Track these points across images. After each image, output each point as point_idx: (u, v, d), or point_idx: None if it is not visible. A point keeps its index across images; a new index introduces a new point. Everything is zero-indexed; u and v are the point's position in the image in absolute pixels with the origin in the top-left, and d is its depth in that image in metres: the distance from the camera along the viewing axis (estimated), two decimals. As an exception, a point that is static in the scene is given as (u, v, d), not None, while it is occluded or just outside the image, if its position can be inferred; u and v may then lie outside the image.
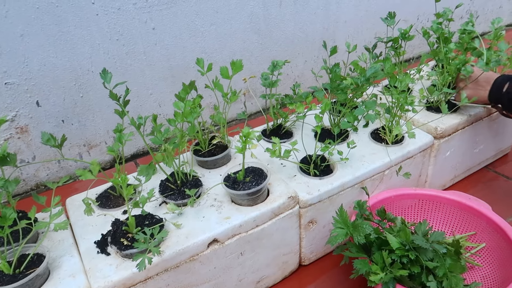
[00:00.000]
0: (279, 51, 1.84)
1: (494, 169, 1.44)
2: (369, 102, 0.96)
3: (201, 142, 1.08)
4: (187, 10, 1.52)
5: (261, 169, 0.98)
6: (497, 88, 1.10)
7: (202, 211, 0.93)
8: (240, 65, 0.94)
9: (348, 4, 1.93)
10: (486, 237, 1.05)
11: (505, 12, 2.73)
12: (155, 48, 1.52)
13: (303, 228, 1.03)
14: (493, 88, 1.11)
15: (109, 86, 0.89)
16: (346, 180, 1.03)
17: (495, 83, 1.11)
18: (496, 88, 1.10)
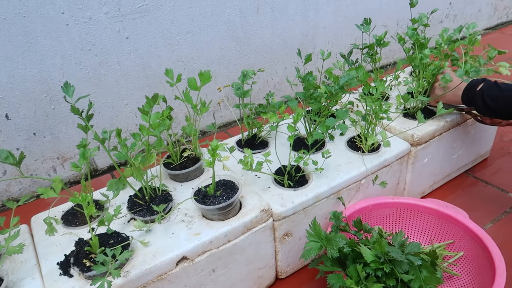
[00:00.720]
0: (258, 58, 1.82)
1: (474, 174, 1.43)
2: (341, 112, 0.95)
3: (173, 154, 1.05)
4: (162, 18, 1.49)
5: (232, 182, 0.95)
6: (470, 87, 1.09)
7: (171, 227, 0.90)
8: (208, 76, 0.92)
9: (326, 10, 1.92)
10: (464, 245, 1.03)
11: (484, 16, 2.75)
12: (130, 57, 1.49)
13: (278, 241, 1.00)
14: (467, 87, 1.10)
15: (71, 100, 0.85)
16: (321, 190, 1.01)
17: (470, 83, 1.10)
18: (470, 87, 1.09)
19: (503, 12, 2.87)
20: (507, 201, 1.29)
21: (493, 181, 1.38)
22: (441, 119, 1.22)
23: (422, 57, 1.21)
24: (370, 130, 1.12)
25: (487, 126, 1.38)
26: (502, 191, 1.34)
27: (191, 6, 1.53)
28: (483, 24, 2.80)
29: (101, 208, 0.97)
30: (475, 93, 1.08)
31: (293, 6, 1.81)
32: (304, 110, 1.13)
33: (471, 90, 1.09)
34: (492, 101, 1.04)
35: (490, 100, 1.04)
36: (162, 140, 0.90)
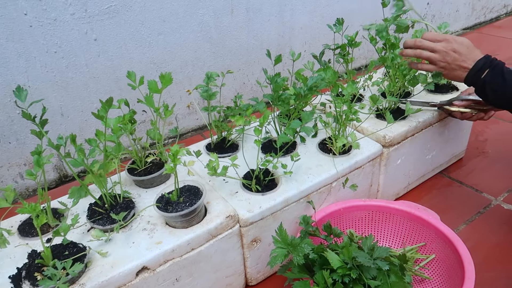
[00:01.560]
0: (233, 60, 1.79)
1: (449, 174, 1.42)
2: (306, 114, 0.92)
3: (137, 160, 1.01)
4: (131, 19, 1.45)
5: (197, 188, 0.92)
6: (476, 72, 0.99)
7: (132, 236, 0.87)
8: (170, 78, 0.88)
9: (302, 11, 1.91)
10: (435, 248, 1.02)
11: (462, 16, 2.77)
12: (99, 59, 1.45)
13: (246, 248, 0.97)
14: (472, 72, 1.00)
15: (23, 105, 0.81)
16: (290, 194, 0.98)
17: (475, 67, 0.99)
18: (475, 73, 0.99)
19: (480, 12, 2.89)
20: (481, 201, 1.28)
21: (468, 181, 1.38)
22: (414, 119, 1.21)
23: (393, 58, 1.19)
24: (340, 132, 1.09)
25: (461, 126, 1.37)
26: (476, 191, 1.33)
27: (162, 7, 1.50)
28: (461, 24, 2.82)
29: (61, 217, 0.93)
30: (478, 80, 0.99)
31: (268, 7, 1.79)
32: (272, 113, 1.11)
33: (476, 76, 0.99)
34: (492, 92, 0.97)
35: (491, 91, 0.98)
36: (122, 146, 0.86)
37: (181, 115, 1.76)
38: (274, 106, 1.02)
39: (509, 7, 3.12)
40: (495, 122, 1.70)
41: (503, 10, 3.09)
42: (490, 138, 1.61)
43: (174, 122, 1.76)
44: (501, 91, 0.96)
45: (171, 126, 1.77)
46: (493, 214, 1.23)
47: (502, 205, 1.26)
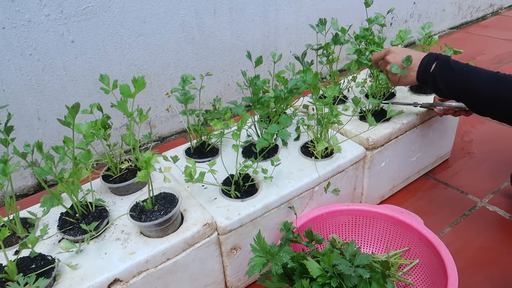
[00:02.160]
0: (217, 61, 1.76)
1: (434, 176, 1.41)
2: (284, 118, 0.90)
3: (112, 166, 0.98)
4: (110, 20, 1.42)
5: (173, 195, 0.89)
6: (424, 68, 1.02)
7: (105, 247, 0.83)
8: (143, 82, 0.85)
9: (287, 11, 1.88)
10: (419, 253, 1.00)
11: (449, 15, 2.77)
12: (76, 62, 1.41)
13: (226, 256, 0.94)
14: (420, 69, 1.03)
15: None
16: (270, 200, 0.95)
17: (421, 64, 1.03)
18: (424, 69, 1.02)
19: (467, 11, 2.89)
20: (466, 203, 1.27)
21: (453, 183, 1.36)
22: (397, 121, 1.19)
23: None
24: (322, 135, 1.07)
25: (446, 127, 1.36)
26: (462, 193, 1.32)
27: (141, 8, 1.46)
28: (448, 23, 2.81)
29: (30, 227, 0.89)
30: (428, 75, 1.01)
31: (252, 7, 1.76)
32: (252, 116, 1.08)
33: (424, 72, 1.02)
34: (445, 86, 0.98)
35: (443, 84, 0.99)
36: (91, 153, 0.83)
37: (164, 117, 1.72)
38: (254, 109, 1.00)
39: (495, 6, 3.13)
40: (481, 122, 1.69)
41: (489, 9, 3.10)
42: (476, 138, 1.60)
43: (158, 125, 1.73)
44: (450, 79, 0.97)
45: (155, 129, 1.73)
46: (478, 216, 1.21)
47: (487, 207, 1.25)
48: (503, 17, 3.08)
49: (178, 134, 1.80)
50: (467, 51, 2.44)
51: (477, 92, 0.94)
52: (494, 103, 0.93)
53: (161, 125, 1.73)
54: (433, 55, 1.02)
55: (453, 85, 0.97)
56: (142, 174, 0.79)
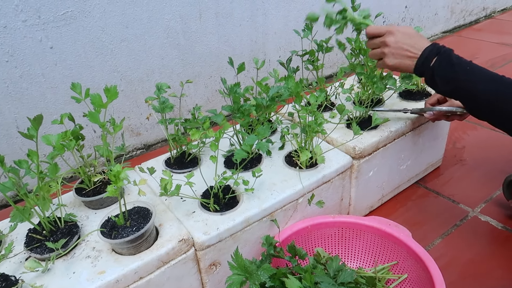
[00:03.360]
0: (203, 67, 1.72)
1: (425, 184, 1.37)
2: (261, 129, 0.85)
3: (85, 179, 0.93)
4: (90, 26, 1.37)
5: (147, 209, 0.85)
6: (424, 60, 0.92)
7: (74, 265, 0.79)
8: (115, 92, 0.81)
9: (276, 15, 1.85)
10: (407, 267, 0.96)
11: (441, 19, 2.74)
12: (56, 68, 1.36)
13: (205, 272, 0.90)
14: (420, 60, 0.92)
15: None
16: (251, 213, 0.91)
17: (422, 55, 0.92)
18: (423, 61, 0.92)
19: (460, 15, 2.87)
20: (458, 213, 1.23)
21: (444, 192, 1.32)
22: (385, 129, 1.15)
23: (364, 64, 1.14)
24: (307, 144, 1.03)
25: (437, 134, 1.32)
26: (453, 202, 1.28)
27: (123, 13, 1.42)
28: (441, 27, 2.79)
29: (-3, 244, 0.85)
30: (427, 69, 0.92)
31: (240, 11, 1.72)
32: (233, 125, 1.04)
33: (424, 64, 0.92)
34: (443, 83, 0.90)
35: (441, 81, 0.90)
36: (58, 166, 0.79)
37: (150, 125, 1.68)
38: (233, 118, 0.95)
39: (488, 10, 3.11)
40: (473, 128, 1.66)
41: (482, 13, 3.08)
42: (468, 145, 1.56)
43: (143, 133, 1.68)
44: (450, 77, 0.89)
45: (140, 137, 1.69)
46: (470, 227, 1.17)
47: (479, 217, 1.21)
48: (496, 20, 3.06)
49: (164, 141, 1.76)
50: (460, 55, 2.40)
51: (480, 97, 0.87)
52: (497, 111, 0.86)
53: (146, 132, 1.69)
54: (436, 47, 0.92)
55: (453, 84, 0.89)
56: (111, 189, 0.75)
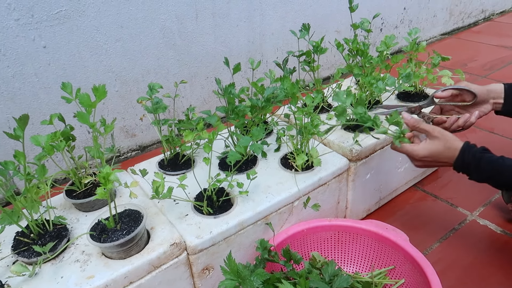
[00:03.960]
0: (200, 67, 1.70)
1: (423, 187, 1.35)
2: (256, 130, 0.84)
3: (76, 181, 0.91)
4: (85, 25, 1.36)
5: (139, 212, 0.83)
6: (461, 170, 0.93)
7: (62, 269, 0.77)
8: (104, 91, 0.79)
9: (273, 16, 1.83)
10: (405, 272, 0.94)
11: (440, 21, 2.73)
12: (49, 68, 1.34)
13: (197, 277, 0.88)
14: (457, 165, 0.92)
15: None
16: (246, 217, 0.89)
17: (456, 168, 0.93)
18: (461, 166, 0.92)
19: (458, 17, 2.86)
20: (456, 216, 1.21)
21: (443, 195, 1.30)
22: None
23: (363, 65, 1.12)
24: (303, 146, 1.01)
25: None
26: (452, 205, 1.26)
27: (118, 12, 1.41)
28: (439, 29, 2.78)
29: (-16, 247, 0.82)
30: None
31: (237, 12, 1.70)
32: (227, 127, 1.02)
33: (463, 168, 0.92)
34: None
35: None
36: (46, 168, 0.77)
37: (145, 126, 1.66)
38: (227, 119, 0.94)
39: (487, 12, 3.10)
40: (472, 131, 1.64)
41: (481, 15, 3.07)
42: (467, 147, 1.54)
43: (138, 134, 1.66)
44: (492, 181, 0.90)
45: (135, 138, 1.67)
46: (468, 231, 1.16)
47: (478, 221, 1.19)
48: (495, 23, 3.05)
49: (159, 143, 1.73)
50: (458, 57, 2.40)
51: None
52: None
53: (142, 134, 1.67)
54: (464, 168, 0.91)
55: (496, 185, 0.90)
56: (101, 191, 0.73)
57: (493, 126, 1.62)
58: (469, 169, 0.90)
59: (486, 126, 1.64)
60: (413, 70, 1.22)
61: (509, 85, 1.06)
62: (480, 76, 2.13)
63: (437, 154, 0.93)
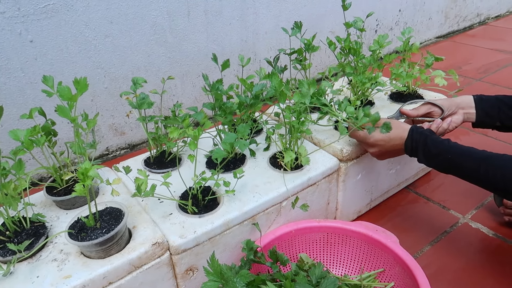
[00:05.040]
0: (191, 65, 1.68)
1: (415, 189, 1.33)
2: (242, 127, 0.81)
3: (57, 177, 0.88)
4: (73, 20, 1.33)
5: (120, 210, 0.80)
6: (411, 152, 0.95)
7: (38, 269, 0.74)
8: (85, 84, 0.77)
9: (267, 15, 1.81)
10: (394, 275, 0.92)
11: (435, 24, 2.72)
12: (36, 63, 1.31)
13: (181, 278, 0.85)
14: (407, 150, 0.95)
15: None
16: (231, 217, 0.87)
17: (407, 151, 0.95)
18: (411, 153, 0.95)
19: (454, 20, 2.85)
20: (448, 219, 1.19)
21: (435, 197, 1.28)
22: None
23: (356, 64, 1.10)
24: (292, 145, 0.99)
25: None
26: (444, 208, 1.24)
27: (108, 7, 1.38)
28: (434, 32, 2.77)
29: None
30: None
31: (229, 10, 1.68)
32: (214, 124, 1.00)
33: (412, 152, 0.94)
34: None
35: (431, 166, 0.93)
36: (23, 163, 0.74)
37: (134, 124, 1.63)
38: (215, 116, 0.91)
39: (482, 16, 3.10)
40: (465, 133, 1.62)
41: (476, 19, 3.07)
42: (460, 150, 1.53)
43: (128, 132, 1.63)
44: (438, 165, 0.92)
45: (124, 136, 1.64)
46: (460, 234, 1.14)
47: (470, 224, 1.17)
48: (490, 27, 3.05)
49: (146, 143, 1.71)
50: (453, 60, 2.39)
51: (467, 176, 0.87)
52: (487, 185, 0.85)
53: (131, 132, 1.64)
54: (414, 148, 0.93)
55: (442, 168, 0.91)
56: (80, 188, 0.70)
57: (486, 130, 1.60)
58: (418, 149, 0.92)
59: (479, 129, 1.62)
60: (406, 70, 1.21)
61: (478, 96, 1.06)
62: (474, 79, 2.12)
63: (388, 136, 0.95)
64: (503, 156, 0.82)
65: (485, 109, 1.04)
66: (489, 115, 1.04)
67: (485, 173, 0.82)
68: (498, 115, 1.03)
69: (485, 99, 1.05)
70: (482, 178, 0.83)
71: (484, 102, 1.05)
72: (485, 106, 1.04)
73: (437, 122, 1.02)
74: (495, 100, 1.03)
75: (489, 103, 1.04)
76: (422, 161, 0.93)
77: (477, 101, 1.05)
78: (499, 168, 0.81)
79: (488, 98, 1.05)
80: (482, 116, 1.05)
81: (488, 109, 1.04)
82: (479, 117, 1.05)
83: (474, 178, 0.86)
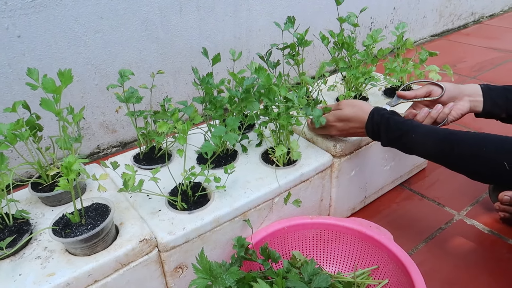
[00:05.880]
0: (184, 62, 1.65)
1: (410, 186, 1.32)
2: (231, 119, 0.79)
3: (42, 173, 0.86)
4: (62, 15, 1.30)
5: (106, 206, 0.78)
6: (372, 134, 0.94)
7: (21, 266, 0.71)
8: (70, 76, 0.74)
9: (260, 12, 1.79)
10: (388, 272, 0.90)
11: (430, 22, 2.72)
12: (24, 59, 1.29)
13: (170, 276, 0.83)
14: (369, 134, 0.94)
15: None
16: (222, 213, 0.85)
17: (368, 132, 0.94)
18: (372, 135, 0.94)
19: (448, 19, 2.85)
20: (443, 216, 1.18)
21: (430, 194, 1.27)
22: (368, 127, 1.09)
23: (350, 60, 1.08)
24: (282, 140, 0.97)
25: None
26: (438, 204, 1.23)
27: (98, 2, 1.35)
28: (429, 30, 2.76)
29: None
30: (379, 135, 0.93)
31: (222, 6, 1.66)
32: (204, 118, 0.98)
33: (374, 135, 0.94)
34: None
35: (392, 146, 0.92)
36: (5, 157, 0.71)
37: (126, 121, 1.61)
38: (204, 110, 0.89)
39: (476, 15, 3.10)
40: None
41: (471, 18, 3.07)
42: (455, 147, 1.51)
43: (119, 130, 1.61)
44: (400, 145, 0.90)
45: (116, 134, 1.61)
46: (455, 231, 1.12)
47: (465, 220, 1.16)
48: (484, 25, 3.05)
49: (141, 139, 1.68)
50: (448, 58, 2.38)
51: (433, 155, 0.87)
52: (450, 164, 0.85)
53: (123, 129, 1.61)
54: (375, 131, 0.92)
55: (406, 149, 0.90)
56: (63, 183, 0.68)
57: (482, 126, 1.60)
58: (380, 131, 0.90)
59: (475, 126, 1.62)
60: (400, 65, 1.19)
61: (485, 85, 1.02)
62: (469, 77, 2.11)
63: (346, 116, 0.95)
64: (467, 133, 0.80)
65: (493, 98, 0.99)
66: (497, 104, 0.99)
67: (450, 151, 0.80)
68: (506, 105, 0.99)
69: (493, 88, 1.00)
70: (448, 156, 0.82)
71: (492, 91, 1.00)
72: (493, 95, 0.99)
73: (438, 108, 0.98)
74: (502, 90, 0.99)
75: (497, 93, 0.99)
76: (385, 143, 0.91)
77: (485, 90, 1.00)
78: (466, 146, 0.79)
79: (496, 88, 1.00)
80: (490, 105, 1.00)
81: (497, 98, 0.99)
82: (487, 106, 1.00)
83: (440, 157, 0.84)
